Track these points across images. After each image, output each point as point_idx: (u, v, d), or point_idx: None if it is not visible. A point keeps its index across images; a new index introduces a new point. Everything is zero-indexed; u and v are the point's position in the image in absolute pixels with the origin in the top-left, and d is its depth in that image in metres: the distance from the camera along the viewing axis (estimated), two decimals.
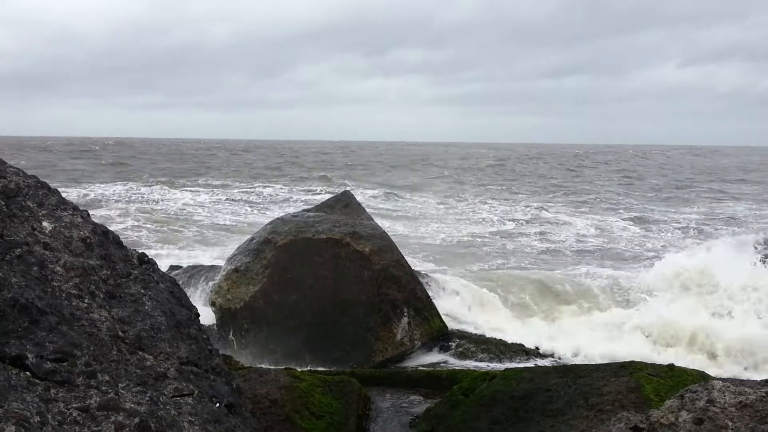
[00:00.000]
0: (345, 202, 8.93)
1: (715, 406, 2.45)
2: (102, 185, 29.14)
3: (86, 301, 2.48)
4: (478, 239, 16.79)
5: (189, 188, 29.87)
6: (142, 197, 25.33)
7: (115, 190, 27.29)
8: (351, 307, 7.33)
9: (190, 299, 3.26)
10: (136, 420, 2.10)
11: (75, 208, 2.90)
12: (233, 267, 7.72)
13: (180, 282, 8.68)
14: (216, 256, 12.77)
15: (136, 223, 18.03)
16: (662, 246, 15.98)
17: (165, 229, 17.61)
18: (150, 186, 29.71)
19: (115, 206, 21.87)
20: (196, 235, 16.97)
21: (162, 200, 24.74)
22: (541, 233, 17.98)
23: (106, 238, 2.85)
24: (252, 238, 8.09)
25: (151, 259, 3.09)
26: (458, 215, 21.78)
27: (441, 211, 22.82)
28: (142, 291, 2.75)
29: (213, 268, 9.83)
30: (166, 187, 29.48)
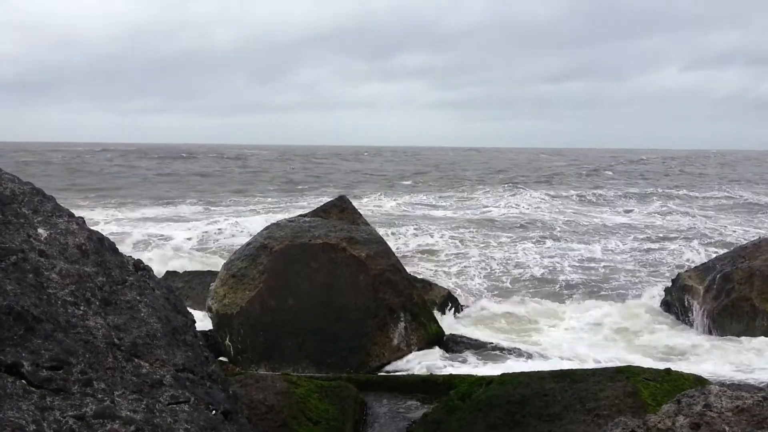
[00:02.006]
0: (341, 207, 8.93)
1: (711, 410, 2.46)
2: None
3: (82, 308, 2.47)
4: None
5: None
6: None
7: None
8: (347, 312, 7.32)
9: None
10: (132, 428, 2.10)
11: (70, 214, 2.90)
12: (230, 272, 7.71)
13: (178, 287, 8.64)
14: None
15: None
16: None
17: None
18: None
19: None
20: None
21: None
22: None
23: (101, 244, 2.85)
24: (248, 243, 8.08)
25: (147, 265, 3.08)
26: None
27: None
28: (138, 298, 2.75)
29: (210, 274, 9.81)
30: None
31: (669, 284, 10.04)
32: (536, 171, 50.19)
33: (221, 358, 7.21)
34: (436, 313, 8.46)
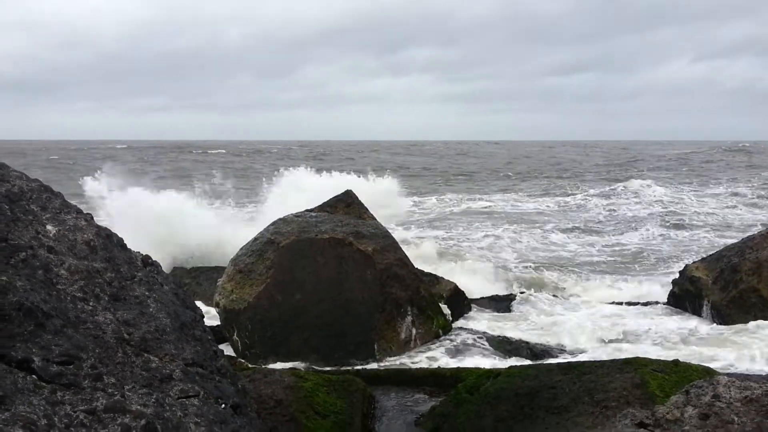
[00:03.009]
0: (347, 202, 8.93)
1: (720, 401, 2.45)
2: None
3: (91, 303, 2.48)
4: None
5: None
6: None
7: None
8: (354, 306, 7.34)
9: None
10: (143, 422, 2.11)
11: (78, 211, 2.91)
12: (237, 268, 7.73)
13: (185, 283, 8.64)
14: None
15: None
16: None
17: None
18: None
19: None
20: None
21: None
22: None
23: (109, 240, 2.86)
24: (255, 239, 8.09)
25: (155, 261, 3.09)
26: None
27: None
28: (147, 293, 2.76)
29: (217, 269, 9.84)
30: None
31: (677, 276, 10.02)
32: (558, 165, 50.03)
33: (229, 353, 7.24)
34: (443, 307, 8.46)
